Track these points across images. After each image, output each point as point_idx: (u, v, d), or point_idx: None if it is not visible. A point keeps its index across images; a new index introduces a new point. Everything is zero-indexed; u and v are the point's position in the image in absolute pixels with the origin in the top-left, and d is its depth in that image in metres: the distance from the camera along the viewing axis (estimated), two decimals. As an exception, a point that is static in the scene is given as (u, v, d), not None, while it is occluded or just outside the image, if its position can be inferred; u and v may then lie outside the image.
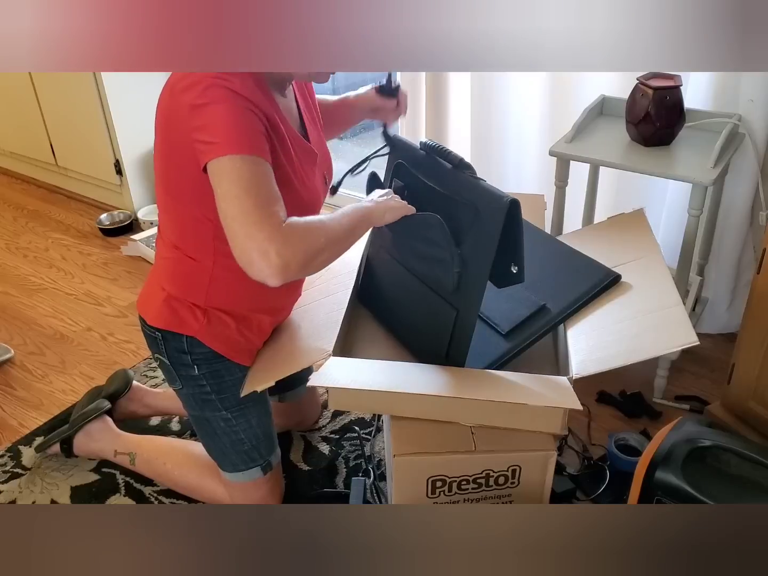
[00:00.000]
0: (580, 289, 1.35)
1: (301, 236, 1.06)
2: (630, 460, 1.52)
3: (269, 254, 1.01)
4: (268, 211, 1.04)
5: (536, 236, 1.51)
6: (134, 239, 2.59)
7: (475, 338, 1.26)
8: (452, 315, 1.24)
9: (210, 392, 1.37)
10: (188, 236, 1.26)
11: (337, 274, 1.52)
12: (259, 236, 1.01)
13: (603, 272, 1.38)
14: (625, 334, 1.23)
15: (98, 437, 1.65)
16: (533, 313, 1.33)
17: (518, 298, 1.36)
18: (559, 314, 1.33)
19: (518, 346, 1.29)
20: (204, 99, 1.07)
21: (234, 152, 1.05)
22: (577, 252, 1.45)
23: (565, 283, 1.38)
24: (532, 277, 1.37)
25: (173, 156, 1.17)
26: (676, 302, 1.25)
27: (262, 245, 1.01)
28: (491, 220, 1.17)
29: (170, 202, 1.26)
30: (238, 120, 1.07)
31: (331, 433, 1.75)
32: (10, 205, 2.99)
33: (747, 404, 1.58)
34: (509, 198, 1.16)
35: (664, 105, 1.60)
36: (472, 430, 1.20)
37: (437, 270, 1.26)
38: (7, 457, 1.72)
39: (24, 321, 2.25)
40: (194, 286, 1.29)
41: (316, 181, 1.30)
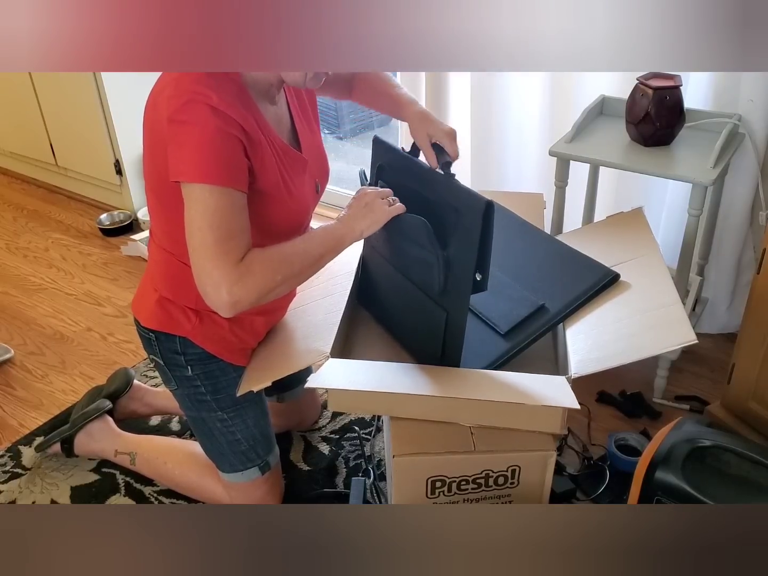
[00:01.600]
0: (578, 289, 1.35)
1: (256, 276, 1.09)
2: (630, 460, 1.52)
3: (221, 291, 1.07)
4: (227, 247, 1.07)
5: (535, 235, 1.51)
6: (134, 239, 2.59)
7: (474, 338, 1.26)
8: (443, 317, 1.25)
9: (205, 393, 1.37)
10: (177, 240, 1.26)
11: (335, 274, 1.52)
12: (214, 273, 1.07)
13: (602, 271, 1.37)
14: (623, 333, 1.23)
15: (99, 437, 1.65)
16: (532, 312, 1.33)
17: (517, 298, 1.36)
18: (558, 314, 1.32)
19: (517, 346, 1.29)
20: (183, 116, 1.08)
21: (205, 182, 1.07)
22: (575, 251, 1.45)
23: (564, 282, 1.37)
24: (530, 277, 1.37)
25: (157, 163, 1.18)
26: (674, 301, 1.25)
27: (216, 282, 1.07)
28: (471, 222, 1.17)
29: (158, 206, 1.26)
30: (213, 146, 1.08)
31: (331, 433, 1.75)
32: (10, 205, 2.99)
33: (747, 404, 1.58)
34: (485, 200, 1.16)
35: (664, 105, 1.60)
36: (471, 430, 1.20)
37: (425, 272, 1.26)
38: (7, 457, 1.72)
39: (24, 321, 2.25)
40: (186, 288, 1.29)
41: (305, 189, 1.30)
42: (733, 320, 1.97)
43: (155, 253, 1.33)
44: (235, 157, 1.11)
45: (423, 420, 1.20)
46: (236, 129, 1.11)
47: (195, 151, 1.08)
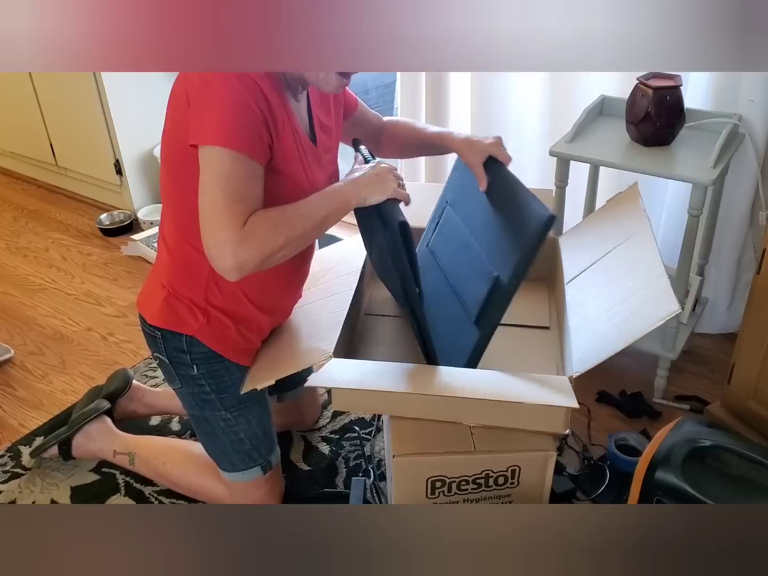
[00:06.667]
0: (518, 249, 1.22)
1: (260, 238, 1.10)
2: (630, 460, 1.52)
3: (225, 253, 1.07)
4: (234, 210, 1.08)
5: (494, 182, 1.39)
6: (134, 239, 2.59)
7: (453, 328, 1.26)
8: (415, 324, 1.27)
9: (209, 392, 1.37)
10: (188, 222, 1.26)
11: (340, 274, 1.52)
12: (218, 235, 1.08)
13: (534, 219, 1.20)
14: (616, 321, 1.22)
15: (97, 437, 1.65)
16: (491, 289, 1.24)
17: (478, 271, 1.29)
18: (510, 286, 1.22)
19: (486, 336, 1.26)
20: (212, 77, 1.09)
21: (223, 145, 1.08)
22: (515, 192, 1.30)
23: (507, 241, 1.26)
24: (486, 235, 1.31)
25: (178, 131, 1.18)
26: (660, 275, 1.23)
27: (220, 244, 1.08)
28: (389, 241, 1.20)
29: (172, 186, 1.26)
30: (236, 112, 1.09)
31: (331, 433, 1.75)
32: (10, 205, 2.99)
33: (747, 404, 1.58)
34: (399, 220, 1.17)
35: (664, 105, 1.60)
36: (471, 430, 1.20)
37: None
38: (7, 457, 1.72)
39: (24, 321, 2.25)
40: (194, 280, 1.29)
41: (319, 177, 1.31)
42: (733, 320, 1.97)
43: (164, 247, 1.33)
44: (257, 128, 1.12)
45: (423, 420, 1.20)
46: (262, 102, 1.12)
47: (217, 114, 1.09)
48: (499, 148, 1.37)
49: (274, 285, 1.35)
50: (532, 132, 2.06)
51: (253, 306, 1.33)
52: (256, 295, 1.32)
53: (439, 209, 1.53)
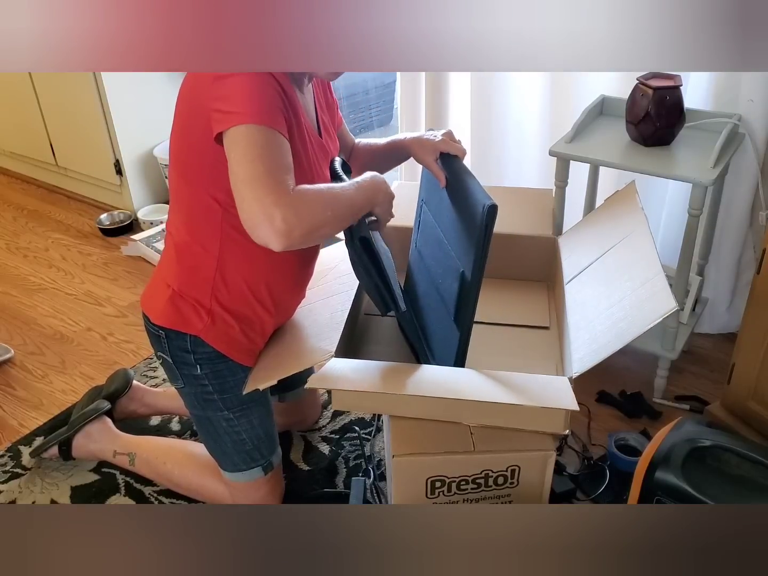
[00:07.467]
0: (472, 241, 1.22)
1: (309, 205, 1.06)
2: (630, 460, 1.52)
3: (274, 219, 1.02)
4: (279, 178, 1.05)
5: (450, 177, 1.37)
6: (134, 239, 2.59)
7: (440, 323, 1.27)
8: None
9: (212, 392, 1.37)
10: (197, 220, 1.26)
11: (341, 274, 1.52)
12: (266, 200, 1.02)
13: (478, 212, 1.20)
14: (614, 320, 1.22)
15: (97, 438, 1.65)
16: (460, 285, 1.25)
17: (450, 267, 1.28)
18: (473, 280, 1.22)
19: (465, 333, 1.25)
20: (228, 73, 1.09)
21: (252, 122, 1.06)
22: (465, 186, 1.29)
23: (466, 236, 1.26)
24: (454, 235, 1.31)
25: (190, 128, 1.18)
26: (656, 272, 1.23)
27: (269, 209, 1.02)
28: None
29: (182, 184, 1.26)
30: (260, 92, 1.08)
31: (331, 433, 1.75)
32: (10, 205, 2.99)
33: (747, 404, 1.58)
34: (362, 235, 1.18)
35: (664, 105, 1.60)
36: (471, 430, 1.20)
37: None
38: (7, 457, 1.72)
39: (24, 321, 2.25)
40: (201, 279, 1.29)
41: (326, 171, 1.31)
42: (733, 320, 1.97)
43: (171, 244, 1.33)
44: (280, 106, 1.11)
45: (423, 420, 1.20)
46: (280, 90, 1.12)
47: (242, 97, 1.07)
48: (448, 144, 1.35)
49: (281, 284, 1.35)
50: (532, 132, 2.06)
51: (259, 305, 1.33)
52: (263, 294, 1.32)
53: (417, 208, 1.54)
